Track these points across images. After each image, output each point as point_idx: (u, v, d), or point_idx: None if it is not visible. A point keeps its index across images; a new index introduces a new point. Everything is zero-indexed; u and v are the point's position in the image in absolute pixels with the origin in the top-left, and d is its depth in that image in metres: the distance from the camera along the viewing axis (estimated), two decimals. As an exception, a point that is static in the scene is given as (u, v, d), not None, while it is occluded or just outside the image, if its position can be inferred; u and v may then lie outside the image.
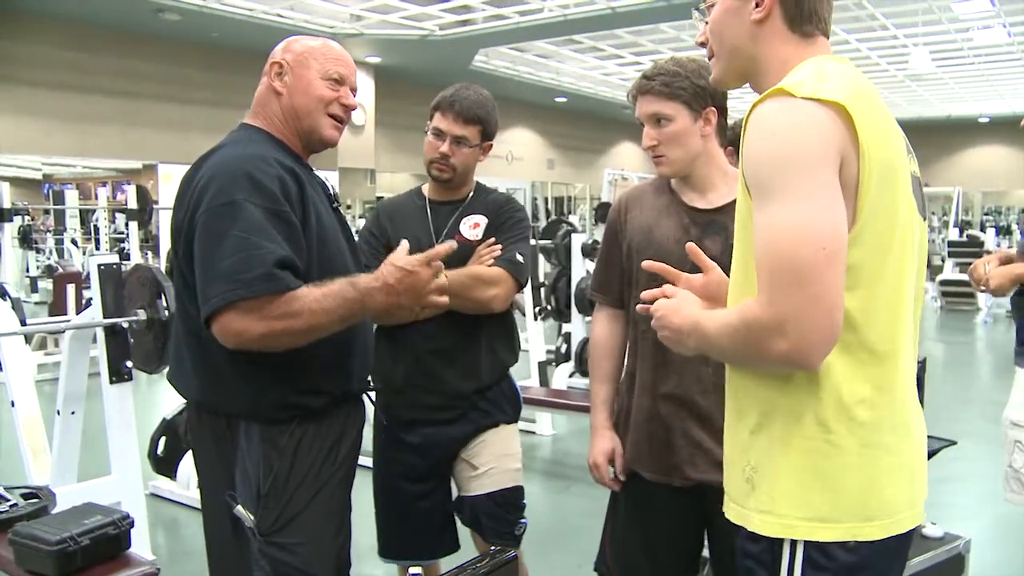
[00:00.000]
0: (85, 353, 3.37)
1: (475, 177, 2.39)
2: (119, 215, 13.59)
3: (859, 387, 1.23)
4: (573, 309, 6.07)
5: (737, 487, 1.33)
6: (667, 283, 1.45)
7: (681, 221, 1.91)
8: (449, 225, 2.31)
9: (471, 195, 2.36)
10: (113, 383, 3.24)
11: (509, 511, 2.32)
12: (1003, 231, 16.95)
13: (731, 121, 2.00)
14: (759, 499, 1.28)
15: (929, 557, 2.56)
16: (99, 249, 11.95)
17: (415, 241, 2.27)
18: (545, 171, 19.60)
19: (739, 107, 1.69)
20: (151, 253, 10.96)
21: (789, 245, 1.14)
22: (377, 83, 13.64)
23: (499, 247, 2.26)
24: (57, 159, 16.11)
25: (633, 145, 22.02)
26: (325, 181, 1.94)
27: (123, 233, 12.35)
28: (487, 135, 2.31)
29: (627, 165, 17.67)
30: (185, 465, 4.13)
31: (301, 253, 1.68)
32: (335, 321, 1.66)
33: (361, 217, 12.00)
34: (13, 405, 3.36)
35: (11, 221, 9.46)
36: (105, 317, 3.21)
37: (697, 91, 1.85)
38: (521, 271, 2.27)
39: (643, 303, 1.44)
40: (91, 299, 3.29)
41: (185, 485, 4.13)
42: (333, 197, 1.92)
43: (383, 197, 15.36)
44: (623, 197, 2.08)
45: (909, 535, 1.30)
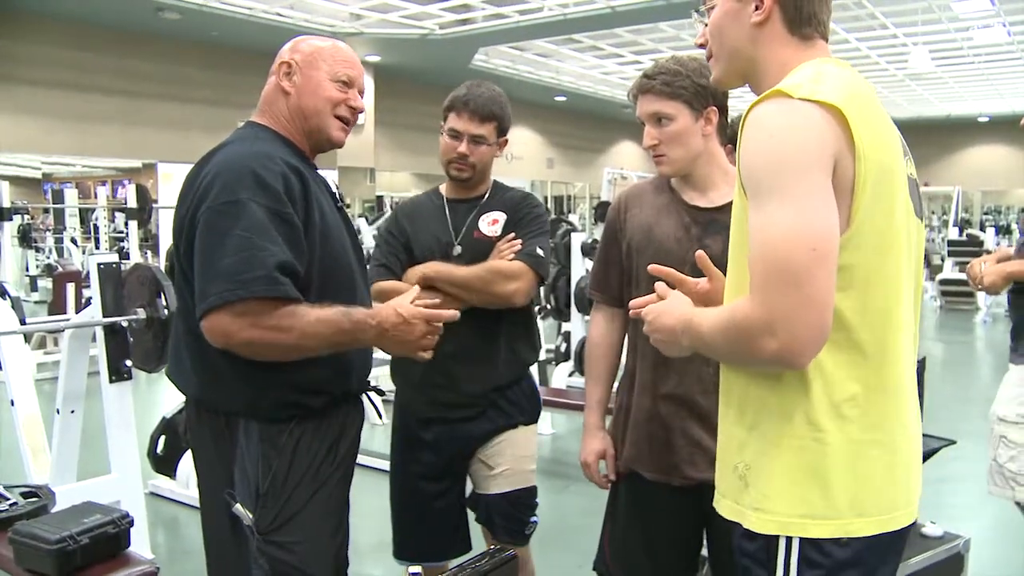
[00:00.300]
0: (85, 352, 3.37)
1: None
2: (119, 214, 13.58)
3: (849, 386, 1.24)
4: (572, 308, 6.06)
5: (730, 484, 1.34)
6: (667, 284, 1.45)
7: (682, 220, 1.91)
8: (468, 223, 2.31)
9: (489, 192, 2.36)
10: (112, 382, 3.24)
11: (522, 511, 2.33)
12: (1003, 230, 16.95)
13: (730, 119, 2.00)
14: (753, 496, 1.29)
15: (928, 556, 2.56)
16: (99, 248, 11.96)
17: (435, 240, 2.29)
18: (545, 170, 19.60)
19: (739, 106, 1.69)
20: (150, 252, 10.96)
21: (781, 246, 1.15)
22: (377, 82, 13.63)
23: (519, 242, 2.26)
24: (57, 158, 16.11)
25: (633, 144, 22.01)
26: (329, 181, 1.94)
27: (123, 232, 12.35)
28: (502, 131, 2.32)
29: (627, 164, 17.65)
30: (184, 464, 4.13)
31: (302, 256, 1.67)
32: (323, 347, 1.67)
33: (361, 216, 11.98)
34: (13, 404, 3.36)
35: (11, 220, 9.45)
36: (105, 316, 3.20)
37: (698, 90, 1.85)
38: (542, 265, 2.27)
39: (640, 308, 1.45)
40: (91, 298, 3.28)
41: (184, 484, 4.12)
42: (338, 196, 1.92)
43: (383, 196, 15.39)
44: (623, 196, 2.07)
45: (904, 532, 1.31)
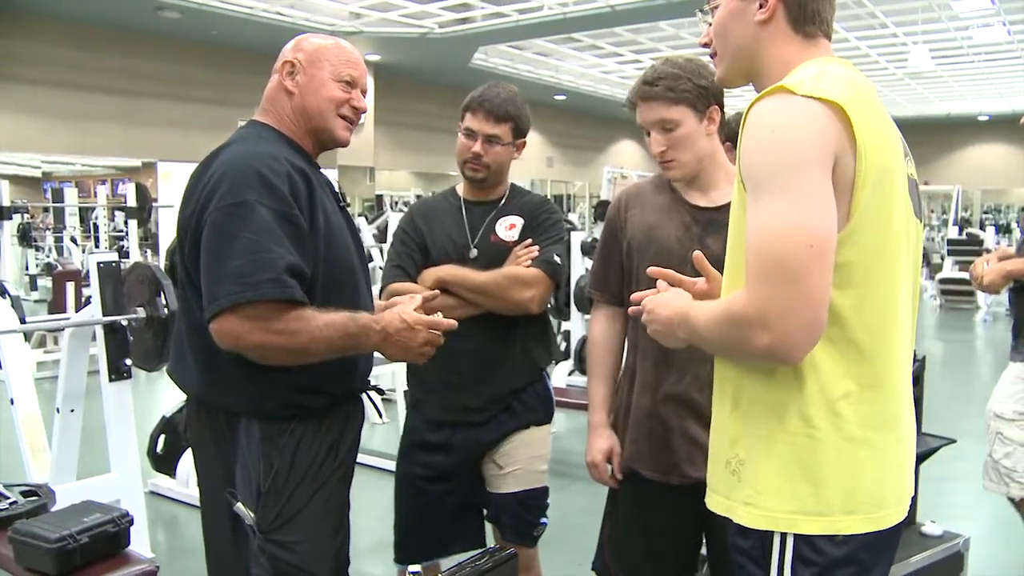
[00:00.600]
0: (84, 351, 3.37)
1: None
2: (118, 213, 13.56)
3: (844, 383, 1.24)
4: (572, 307, 6.06)
5: (722, 479, 1.35)
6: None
7: (683, 219, 1.91)
8: (484, 226, 2.30)
9: (506, 196, 2.35)
10: (112, 381, 3.24)
11: (530, 511, 2.32)
12: (1002, 229, 16.93)
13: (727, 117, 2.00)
14: (744, 491, 1.30)
15: (928, 555, 2.57)
16: (98, 247, 11.93)
17: (450, 241, 2.29)
18: (544, 169, 19.58)
19: (738, 105, 1.69)
20: (150, 251, 10.95)
21: (779, 241, 1.16)
22: (377, 81, 13.63)
23: (536, 248, 2.25)
24: (57, 157, 16.09)
25: (632, 143, 22.03)
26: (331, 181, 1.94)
27: (122, 231, 12.33)
28: (519, 132, 2.30)
29: (626, 163, 17.67)
30: (184, 463, 4.13)
31: (308, 259, 1.67)
32: (329, 351, 1.67)
33: (360, 215, 11.98)
34: (13, 403, 3.36)
35: (10, 219, 9.44)
36: (104, 315, 3.20)
37: (700, 92, 1.84)
38: (558, 272, 2.26)
39: (639, 301, 1.45)
40: (90, 297, 3.28)
41: (184, 483, 4.13)
42: (340, 196, 1.92)
43: (382, 195, 15.40)
44: (623, 195, 2.07)
45: (897, 531, 1.31)
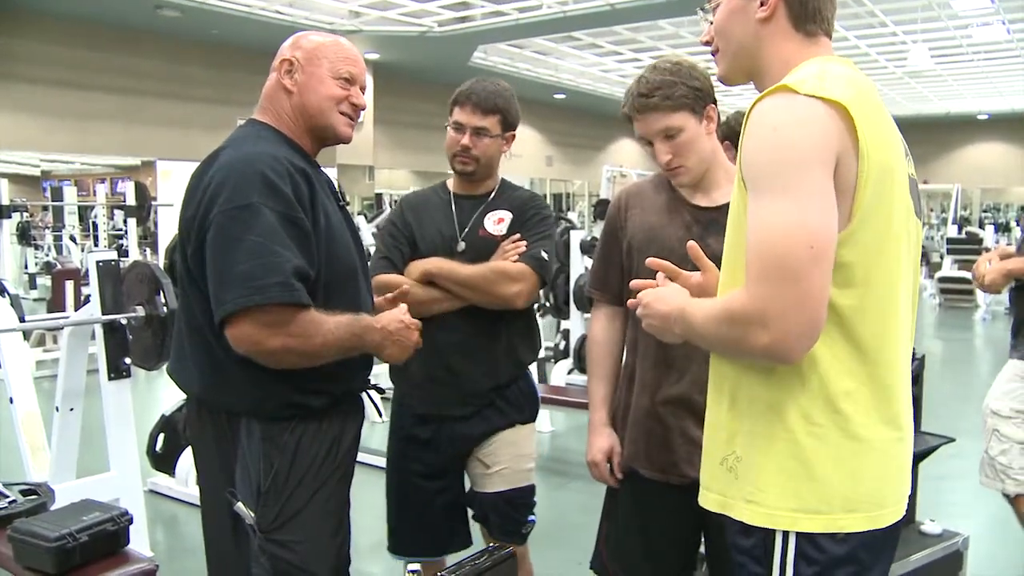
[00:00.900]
0: (84, 350, 3.37)
1: None
2: (118, 211, 13.56)
3: (845, 381, 1.24)
4: (572, 306, 6.07)
5: (716, 476, 1.35)
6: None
7: (684, 219, 1.91)
8: (473, 220, 2.30)
9: (496, 191, 2.35)
10: (112, 379, 3.24)
11: (518, 510, 2.32)
12: (1002, 228, 16.95)
13: (724, 116, 1.99)
14: (743, 488, 1.29)
15: (928, 554, 2.57)
16: (98, 245, 11.91)
17: (439, 235, 2.28)
18: (544, 168, 19.58)
19: (737, 104, 1.69)
20: (149, 250, 10.96)
21: (780, 241, 1.16)
22: (376, 79, 13.60)
23: (524, 243, 2.25)
24: (56, 156, 16.09)
25: (632, 142, 21.99)
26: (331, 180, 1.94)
27: (122, 229, 12.31)
28: (508, 125, 2.30)
29: (626, 162, 17.66)
30: (184, 461, 4.13)
31: (312, 261, 1.68)
32: (339, 351, 1.70)
33: (360, 214, 11.97)
34: (12, 402, 3.36)
35: (10, 217, 9.44)
36: (104, 313, 3.20)
37: (696, 94, 1.85)
38: (545, 268, 2.26)
39: (642, 284, 1.45)
40: (90, 296, 3.28)
41: (184, 482, 4.13)
42: (340, 195, 1.92)
43: (382, 193, 15.39)
44: (623, 194, 2.07)
45: (896, 530, 1.32)
